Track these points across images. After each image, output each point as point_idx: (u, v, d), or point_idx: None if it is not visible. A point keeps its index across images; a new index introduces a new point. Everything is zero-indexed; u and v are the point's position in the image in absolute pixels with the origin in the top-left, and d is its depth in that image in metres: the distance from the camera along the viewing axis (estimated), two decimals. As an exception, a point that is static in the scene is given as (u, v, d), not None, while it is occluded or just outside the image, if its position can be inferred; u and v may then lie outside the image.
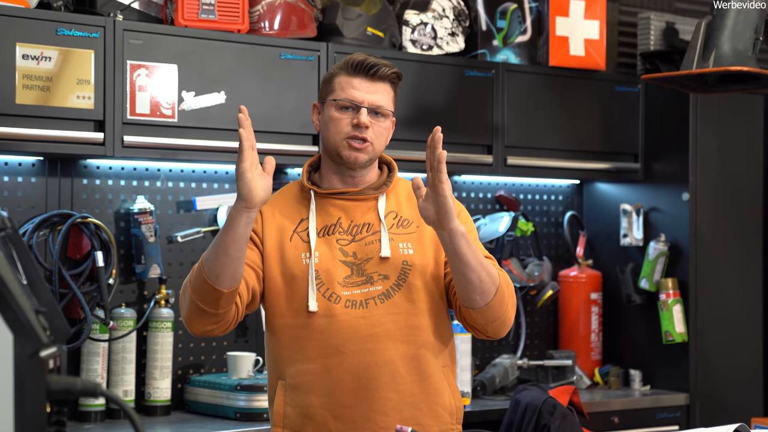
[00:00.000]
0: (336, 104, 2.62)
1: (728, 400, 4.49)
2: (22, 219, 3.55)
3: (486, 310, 2.53)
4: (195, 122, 3.58)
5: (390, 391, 2.55)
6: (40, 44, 3.32)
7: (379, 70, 2.63)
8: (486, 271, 2.50)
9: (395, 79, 2.67)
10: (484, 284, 2.49)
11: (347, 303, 2.56)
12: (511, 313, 2.58)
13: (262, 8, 3.76)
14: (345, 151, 2.61)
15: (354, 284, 2.58)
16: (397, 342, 2.56)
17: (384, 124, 2.64)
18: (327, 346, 2.55)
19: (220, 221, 3.85)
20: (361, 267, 2.59)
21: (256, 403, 3.60)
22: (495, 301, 2.52)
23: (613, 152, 4.50)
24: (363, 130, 2.60)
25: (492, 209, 4.52)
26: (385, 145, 2.68)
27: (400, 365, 2.56)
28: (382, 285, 2.58)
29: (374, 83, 2.63)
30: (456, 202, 2.72)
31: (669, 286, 4.39)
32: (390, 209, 2.67)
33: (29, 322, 1.45)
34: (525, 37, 4.33)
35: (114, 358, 3.64)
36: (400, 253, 2.61)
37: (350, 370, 2.55)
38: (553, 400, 3.58)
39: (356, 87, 2.62)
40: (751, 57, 3.76)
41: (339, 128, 2.61)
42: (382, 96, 2.64)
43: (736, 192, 4.54)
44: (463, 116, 4.12)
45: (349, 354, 2.55)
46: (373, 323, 2.56)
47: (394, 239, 2.62)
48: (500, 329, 2.59)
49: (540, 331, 4.65)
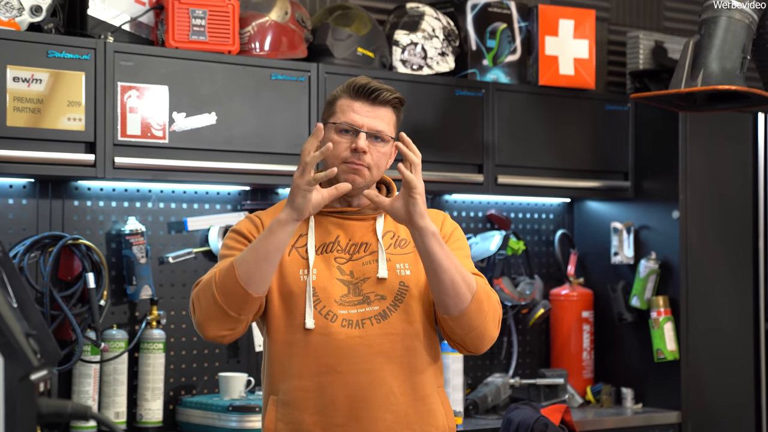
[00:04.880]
0: (336, 127, 2.61)
1: (720, 417, 4.49)
2: (13, 241, 3.55)
3: (461, 318, 2.52)
4: (186, 143, 3.58)
5: (384, 411, 2.55)
6: (30, 66, 3.33)
7: (381, 94, 2.62)
8: (461, 275, 2.50)
9: (397, 104, 2.66)
10: (458, 287, 2.49)
11: (344, 322, 2.56)
12: (490, 327, 2.57)
13: (253, 29, 3.77)
14: (343, 175, 2.59)
15: (351, 303, 2.58)
16: (392, 362, 2.56)
17: (383, 149, 2.62)
18: (322, 364, 2.55)
19: (212, 242, 3.85)
20: (358, 286, 2.59)
21: (248, 424, 3.60)
22: (470, 308, 2.51)
23: (603, 171, 4.51)
24: (361, 155, 2.58)
25: (483, 228, 4.53)
26: (385, 170, 2.67)
27: (395, 385, 2.56)
28: (379, 305, 2.57)
29: (375, 108, 2.62)
30: (450, 221, 2.73)
31: (660, 304, 4.40)
32: (388, 229, 2.67)
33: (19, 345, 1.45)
34: (515, 57, 4.34)
35: (105, 380, 3.63)
36: (397, 274, 2.61)
37: (344, 389, 2.54)
38: (545, 419, 3.58)
39: (357, 111, 2.61)
40: (739, 76, 3.78)
41: (338, 152, 2.59)
42: (383, 121, 2.62)
43: (726, 210, 4.56)
44: (453, 135, 4.13)
45: (344, 373, 2.54)
46: (369, 343, 2.55)
47: (392, 260, 2.62)
48: (479, 342, 2.58)
49: (532, 350, 4.66)
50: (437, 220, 2.68)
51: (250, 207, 3.92)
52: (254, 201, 3.95)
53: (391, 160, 2.68)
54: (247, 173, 3.71)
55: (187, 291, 3.87)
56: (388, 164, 2.67)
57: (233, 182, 3.79)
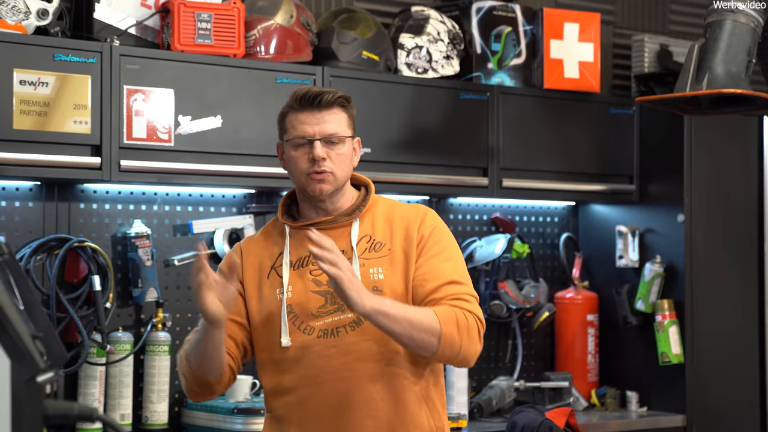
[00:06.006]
0: (291, 143, 2.61)
1: (725, 420, 4.49)
2: (19, 243, 3.56)
3: (435, 358, 2.55)
4: (191, 146, 3.59)
5: (365, 417, 2.55)
6: (37, 70, 3.34)
7: (324, 98, 2.60)
8: (418, 330, 2.48)
9: (344, 102, 2.64)
10: (420, 341, 2.49)
11: (320, 333, 2.58)
12: (469, 349, 2.55)
13: (258, 33, 3.78)
14: (309, 186, 2.60)
15: (327, 313, 2.59)
16: (369, 368, 2.56)
17: (342, 150, 2.61)
18: (302, 377, 2.58)
19: (217, 245, 3.86)
20: (333, 295, 2.57)
21: (253, 426, 3.60)
22: (441, 349, 2.51)
23: (608, 174, 4.51)
24: (321, 163, 2.58)
25: (488, 231, 4.53)
26: (352, 168, 2.65)
27: (374, 391, 2.56)
28: (353, 312, 2.52)
29: (322, 113, 2.60)
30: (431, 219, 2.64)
31: (665, 308, 4.40)
32: (364, 233, 2.64)
33: (26, 348, 1.46)
34: (520, 60, 4.35)
35: (111, 382, 3.64)
36: (371, 279, 2.59)
37: (325, 399, 2.57)
38: (550, 422, 3.59)
39: (304, 121, 2.60)
40: (744, 79, 3.78)
41: (299, 166, 2.60)
42: (333, 123, 2.60)
43: (731, 213, 4.56)
44: (458, 139, 4.13)
45: (322, 383, 2.56)
46: (345, 351, 2.56)
47: (366, 264, 2.60)
48: (463, 363, 2.60)
49: (536, 353, 4.66)
50: (415, 219, 2.63)
51: (256, 210, 3.93)
52: (259, 204, 3.96)
53: (356, 157, 2.66)
54: (253, 176, 3.71)
55: (193, 293, 3.86)
56: (354, 162, 2.65)
57: (238, 185, 3.80)
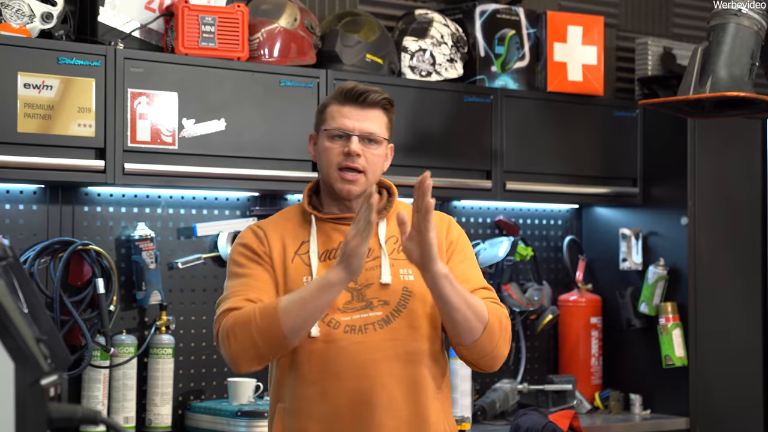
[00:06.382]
0: (327, 134, 2.61)
1: (729, 423, 4.49)
2: (23, 246, 3.56)
3: (474, 346, 2.53)
4: (195, 149, 3.60)
5: (387, 416, 2.54)
6: (41, 73, 3.35)
7: (369, 96, 2.61)
8: (472, 310, 2.50)
9: (387, 104, 2.65)
10: (470, 322, 2.50)
11: (346, 328, 2.56)
12: (502, 349, 2.58)
13: (262, 36, 3.78)
14: (338, 184, 2.60)
15: (354, 309, 2.57)
16: (394, 368, 2.56)
17: (377, 151, 2.62)
18: (325, 371, 2.55)
19: (221, 248, 3.86)
20: (361, 293, 2.58)
21: (256, 429, 3.60)
22: (482, 339, 2.52)
23: (611, 177, 4.51)
24: (354, 158, 2.58)
25: (491, 234, 4.53)
26: (381, 173, 2.67)
27: (397, 391, 2.55)
28: (382, 311, 2.56)
29: (365, 110, 2.61)
30: (456, 227, 2.71)
31: (668, 310, 4.40)
32: (390, 234, 2.65)
33: (30, 351, 1.46)
34: (523, 63, 4.35)
35: (115, 385, 3.64)
36: (401, 279, 2.60)
37: (347, 395, 2.54)
38: (554, 424, 3.59)
39: (346, 115, 2.61)
40: (747, 82, 3.78)
41: (331, 157, 2.60)
42: (374, 123, 2.62)
43: (735, 216, 4.55)
44: (461, 142, 4.14)
45: (346, 379, 2.54)
46: (371, 348, 2.55)
47: (395, 265, 2.61)
48: (491, 364, 2.59)
49: (540, 356, 4.66)
50: (442, 226, 2.67)
51: (259, 213, 3.93)
52: (263, 207, 3.96)
53: (387, 162, 2.67)
54: (256, 179, 3.72)
55: (197, 296, 3.88)
56: (385, 167, 2.67)
57: (242, 188, 3.81)
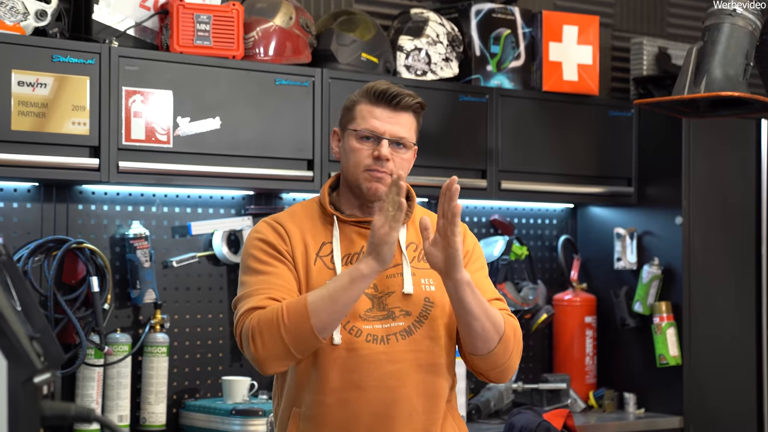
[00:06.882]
0: (356, 134, 2.54)
1: (722, 423, 4.49)
2: (17, 245, 3.56)
3: (488, 357, 2.49)
4: (190, 148, 3.59)
5: (406, 428, 2.49)
6: (35, 71, 3.34)
7: (403, 100, 2.55)
8: (490, 321, 2.45)
9: (419, 108, 2.59)
10: (487, 333, 2.45)
11: (368, 337, 2.49)
12: (515, 361, 2.53)
13: (257, 34, 3.78)
14: (365, 183, 2.53)
15: (375, 318, 2.50)
16: (416, 380, 2.50)
17: (406, 155, 2.56)
18: (347, 379, 2.48)
19: (215, 246, 3.86)
20: (382, 300, 2.51)
21: (251, 428, 3.60)
22: (498, 349, 2.48)
23: (606, 176, 4.52)
24: (383, 162, 2.51)
25: (486, 233, 4.53)
26: (405, 176, 2.58)
27: (417, 403, 2.50)
28: (404, 321, 2.50)
29: (397, 113, 2.55)
30: (470, 235, 2.65)
31: (663, 310, 4.40)
32: (410, 240, 2.59)
33: (23, 348, 1.46)
34: (518, 63, 4.35)
35: (109, 383, 3.64)
36: (422, 290, 2.54)
37: (368, 405, 2.47)
38: (548, 423, 3.59)
39: (378, 117, 2.54)
40: (742, 82, 3.78)
41: (359, 159, 2.53)
42: (404, 127, 2.55)
43: (729, 216, 4.56)
44: (457, 141, 4.14)
45: (368, 389, 2.47)
46: (394, 359, 2.49)
47: (416, 274, 2.55)
48: (502, 376, 2.55)
49: (534, 355, 4.66)
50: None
51: (254, 212, 3.93)
52: (258, 206, 3.96)
53: (410, 166, 2.61)
54: (251, 178, 3.72)
55: (191, 295, 3.88)
56: (409, 170, 2.60)
57: (237, 187, 3.80)
